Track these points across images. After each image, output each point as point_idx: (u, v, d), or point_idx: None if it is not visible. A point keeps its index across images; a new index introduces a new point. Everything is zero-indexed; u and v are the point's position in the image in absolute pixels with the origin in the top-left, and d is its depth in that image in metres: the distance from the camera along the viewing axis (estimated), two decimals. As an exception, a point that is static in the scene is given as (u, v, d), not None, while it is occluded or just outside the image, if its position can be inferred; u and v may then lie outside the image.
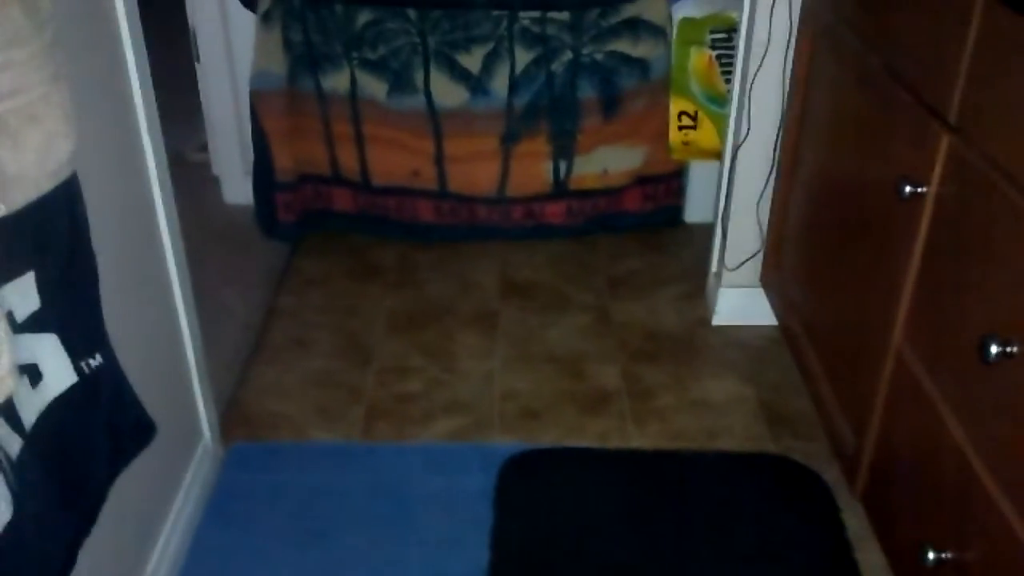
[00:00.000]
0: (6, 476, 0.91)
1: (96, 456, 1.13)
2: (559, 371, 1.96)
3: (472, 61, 2.22)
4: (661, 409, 1.85)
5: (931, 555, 1.12)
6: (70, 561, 1.08)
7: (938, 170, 1.16)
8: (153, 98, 1.37)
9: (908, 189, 1.20)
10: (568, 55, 2.22)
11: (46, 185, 0.96)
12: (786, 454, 1.72)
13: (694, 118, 2.28)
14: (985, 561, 1.04)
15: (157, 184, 1.39)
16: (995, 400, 1.03)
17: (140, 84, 1.32)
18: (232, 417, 1.82)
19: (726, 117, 2.03)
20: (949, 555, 1.11)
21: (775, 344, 2.03)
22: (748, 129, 1.90)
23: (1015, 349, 0.98)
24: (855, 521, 1.56)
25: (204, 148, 2.67)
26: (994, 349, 0.98)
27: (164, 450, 1.43)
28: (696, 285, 2.25)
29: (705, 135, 2.29)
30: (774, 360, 1.99)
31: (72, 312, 1.06)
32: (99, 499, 1.15)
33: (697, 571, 1.47)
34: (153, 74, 1.36)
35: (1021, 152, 0.98)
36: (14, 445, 0.94)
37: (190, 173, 2.66)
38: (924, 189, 1.19)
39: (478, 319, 2.14)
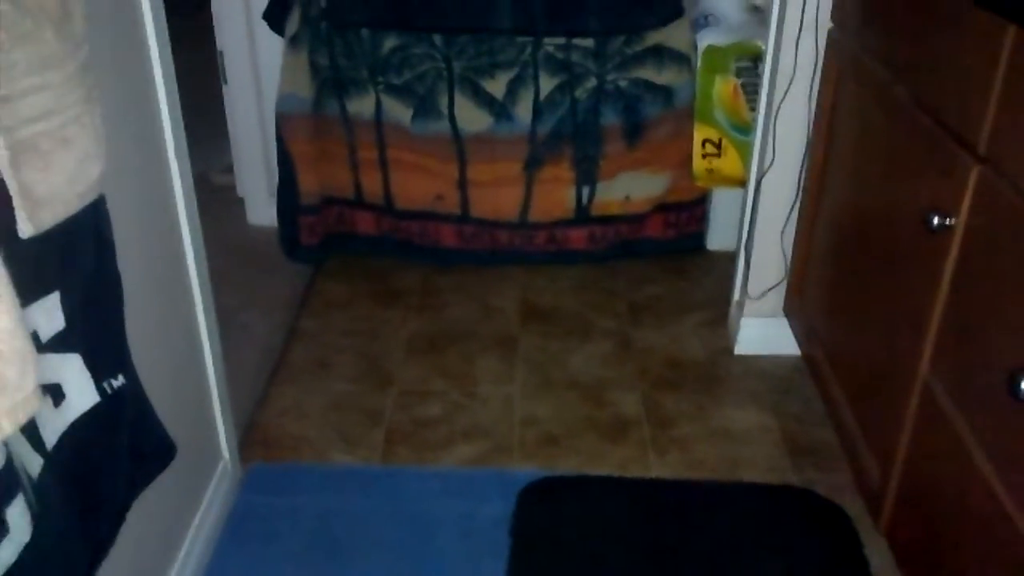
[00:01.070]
0: (27, 496, 0.91)
1: (117, 477, 1.13)
2: (580, 398, 1.95)
3: (496, 87, 2.23)
4: (682, 438, 1.83)
5: (958, 593, 1.10)
6: (88, 582, 1.07)
7: (967, 201, 1.15)
8: (181, 120, 1.38)
9: (937, 220, 1.19)
10: (592, 82, 2.23)
11: (75, 206, 0.97)
12: (809, 486, 1.70)
13: (718, 146, 2.27)
14: (1014, 601, 1.02)
15: (183, 205, 1.40)
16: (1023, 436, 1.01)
17: (168, 106, 1.33)
18: (252, 438, 1.82)
19: (751, 145, 2.03)
20: (977, 594, 1.09)
21: (798, 374, 2.01)
22: (773, 158, 1.90)
23: (1046, 385, 0.96)
24: (878, 557, 1.53)
25: (229, 170, 2.69)
26: (1024, 385, 0.96)
27: (184, 470, 1.43)
28: (718, 313, 2.23)
29: (729, 163, 2.28)
30: (797, 390, 1.97)
31: (96, 333, 1.07)
32: (119, 520, 1.15)
33: (718, 604, 1.45)
34: (181, 96, 1.37)
35: (1052, 185, 0.97)
36: (35, 465, 0.94)
37: (215, 195, 2.68)
38: (953, 220, 1.18)
39: (499, 344, 2.13)
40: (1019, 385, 0.96)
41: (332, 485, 1.70)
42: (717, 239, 2.49)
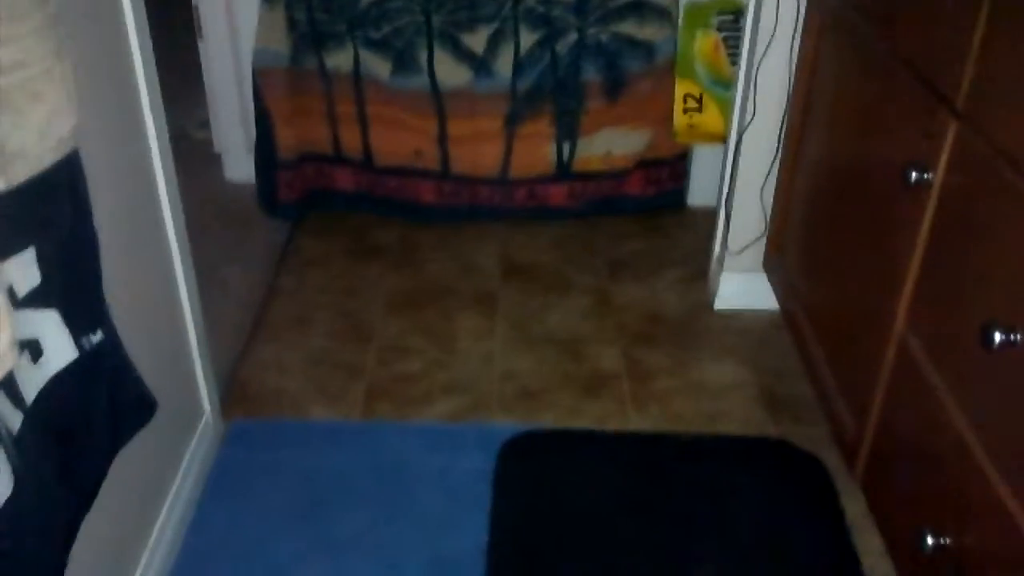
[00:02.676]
0: (7, 451, 0.91)
1: (97, 432, 1.13)
2: (559, 353, 1.96)
3: (476, 41, 2.20)
4: (660, 392, 1.85)
5: (930, 540, 1.12)
6: (71, 535, 1.08)
7: (945, 157, 1.16)
8: (155, 74, 1.36)
9: (914, 175, 1.20)
10: (573, 36, 2.21)
11: (47, 160, 0.96)
12: (786, 438, 1.72)
13: (699, 101, 2.27)
14: (983, 547, 1.05)
15: (159, 160, 1.39)
16: (997, 387, 1.03)
17: (142, 60, 1.31)
18: (233, 394, 1.82)
19: (731, 101, 2.02)
20: (947, 540, 1.11)
21: (776, 329, 2.03)
22: (753, 113, 1.90)
23: (1018, 336, 0.97)
24: (854, 506, 1.56)
25: (206, 125, 2.66)
26: (997, 336, 0.98)
27: (165, 426, 1.44)
28: (698, 269, 2.24)
29: (710, 118, 2.28)
30: (775, 345, 1.99)
31: (73, 288, 1.06)
32: (100, 474, 1.15)
33: (694, 554, 1.47)
34: (155, 50, 1.35)
35: (1028, 139, 0.98)
36: (15, 420, 0.94)
37: (192, 150, 2.65)
38: (930, 175, 1.18)
39: (479, 300, 2.14)
40: (991, 336, 0.98)
41: (313, 440, 1.71)
42: (697, 195, 2.50)
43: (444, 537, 1.51)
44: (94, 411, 1.12)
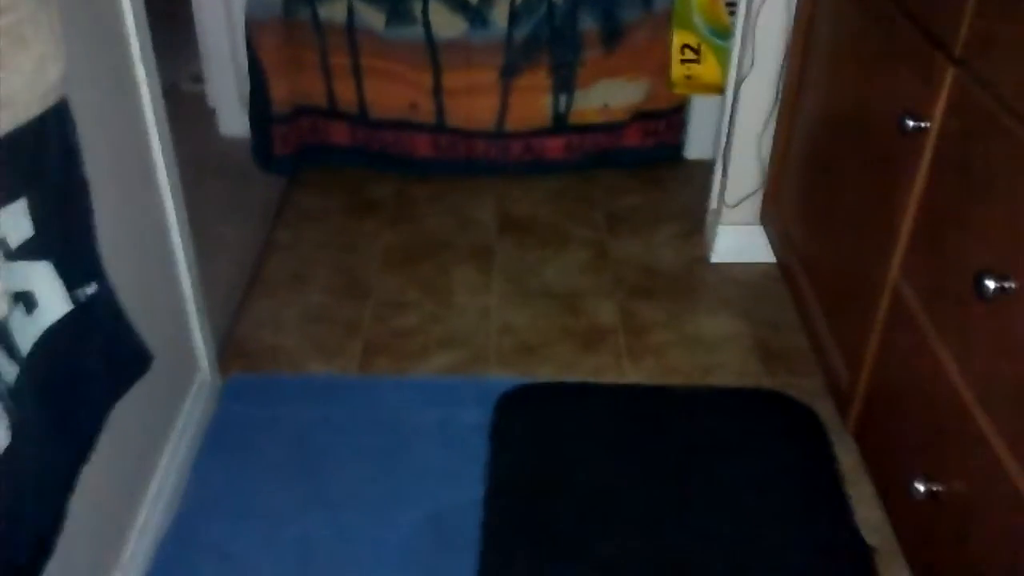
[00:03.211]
0: (3, 402, 0.91)
1: (93, 383, 1.13)
2: (556, 307, 1.96)
3: (471, -9, 2.18)
4: (657, 345, 1.85)
5: (921, 487, 1.13)
6: (68, 487, 1.09)
7: (941, 104, 1.15)
8: (146, 25, 1.34)
9: (911, 124, 1.19)
10: (569, -14, 2.18)
11: (36, 109, 0.95)
12: (780, 390, 1.73)
13: (697, 51, 2.24)
14: (974, 494, 1.06)
15: (152, 113, 1.38)
16: (989, 336, 1.03)
17: (132, 10, 1.29)
18: (230, 350, 1.83)
19: (729, 51, 2.00)
20: (939, 488, 1.12)
21: (773, 282, 2.03)
22: (752, 63, 1.88)
23: (1012, 285, 0.97)
24: (848, 456, 1.57)
25: (199, 79, 2.63)
26: (991, 285, 0.98)
27: (162, 381, 1.44)
28: (695, 222, 2.24)
29: (708, 69, 2.26)
30: (771, 297, 1.99)
31: (66, 240, 1.06)
32: (96, 426, 1.16)
33: (689, 504, 1.49)
34: (146, 1, 1.33)
35: (1026, 85, 0.97)
36: (11, 372, 0.94)
37: (185, 104, 2.63)
38: (927, 124, 1.17)
39: (475, 254, 2.13)
40: (985, 285, 0.98)
41: (311, 395, 1.71)
42: (695, 148, 2.48)
43: (442, 490, 1.52)
44: (90, 363, 1.12)
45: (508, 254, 2.14)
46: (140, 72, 1.33)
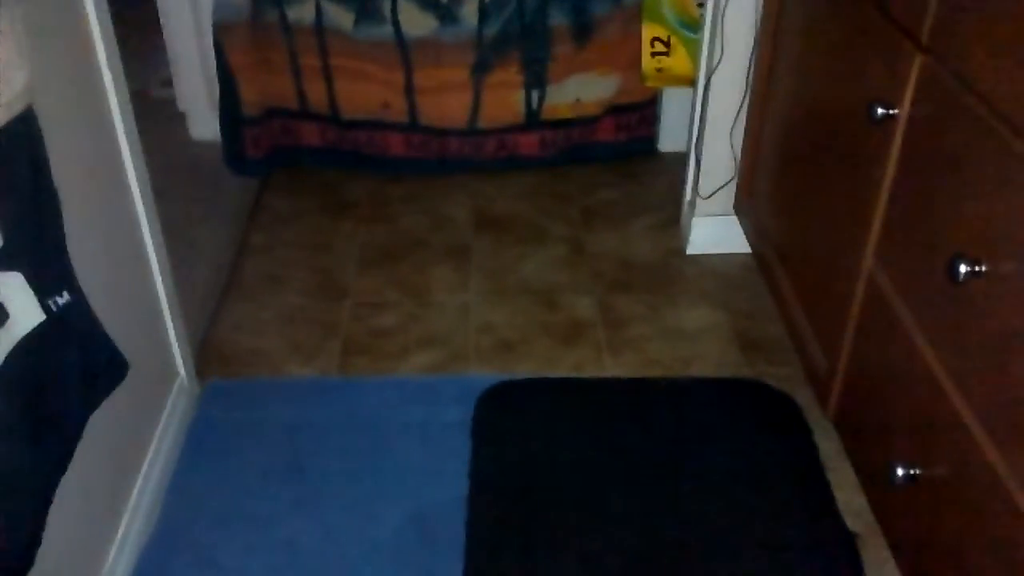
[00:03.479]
0: (-23, 415, 0.90)
1: (68, 393, 1.12)
2: (534, 303, 1.96)
3: (440, -11, 2.17)
4: (635, 338, 1.86)
5: (900, 473, 1.14)
6: (46, 498, 1.08)
7: (910, 91, 1.16)
8: (112, 31, 1.33)
9: (880, 111, 1.20)
10: (538, -19, 2.18)
11: (1, 118, 0.94)
12: (759, 379, 1.74)
13: (667, 44, 2.25)
14: (952, 477, 1.07)
15: (120, 119, 1.36)
16: (963, 319, 1.04)
17: (98, 17, 1.27)
18: (207, 355, 1.81)
19: (699, 43, 2.01)
20: (917, 472, 1.13)
21: (749, 271, 2.04)
22: (721, 54, 1.88)
23: (984, 268, 0.98)
24: (827, 443, 1.59)
25: (169, 83, 2.61)
26: (963, 269, 0.99)
27: (140, 388, 1.43)
28: (670, 214, 2.24)
29: (678, 62, 2.26)
30: (748, 287, 2.00)
31: (37, 250, 1.04)
32: (73, 437, 1.15)
33: (672, 496, 1.49)
34: (111, 6, 1.32)
35: (993, 72, 0.98)
36: (-17, 384, 0.93)
37: (155, 109, 2.60)
38: (896, 111, 1.18)
39: (452, 252, 2.13)
40: (957, 269, 0.99)
41: (291, 398, 1.71)
42: (668, 141, 2.49)
43: (424, 489, 1.52)
44: (65, 373, 1.11)
45: (485, 252, 2.13)
46: (107, 78, 1.32)
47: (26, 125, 1.00)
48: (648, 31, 2.25)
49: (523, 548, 1.41)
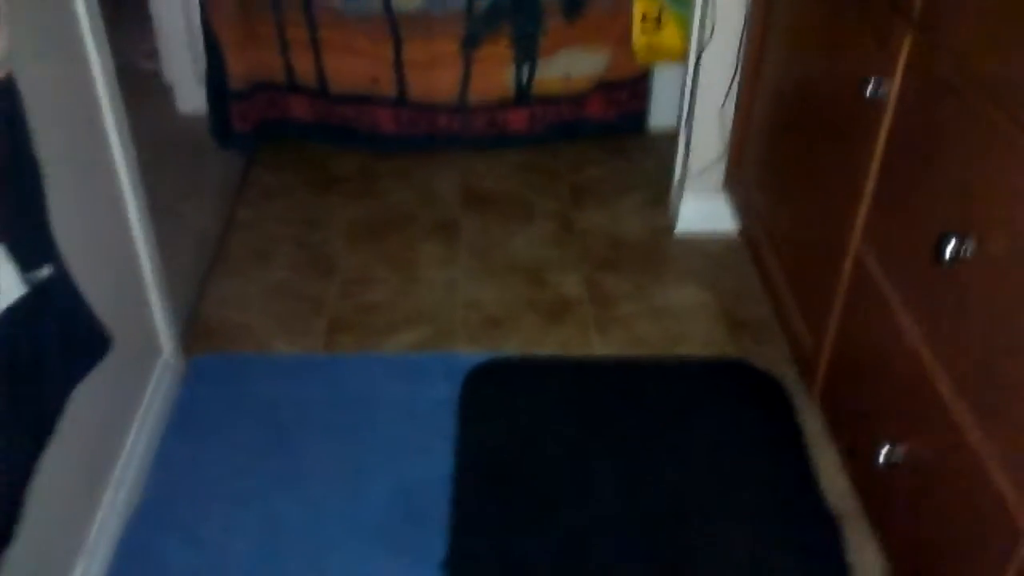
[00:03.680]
0: (-45, 389, 0.89)
1: (50, 368, 1.11)
2: (522, 280, 1.96)
3: (430, -39, 2.15)
4: (623, 317, 1.86)
5: (883, 452, 1.14)
6: (27, 473, 1.07)
7: (901, 68, 1.15)
8: (96, 1, 1.30)
9: (871, 88, 1.19)
10: (529, -45, 2.16)
11: (-21, 88, 0.92)
12: (745, 359, 1.74)
13: (658, 19, 2.23)
14: (936, 458, 1.07)
15: (105, 91, 1.34)
16: (949, 299, 1.04)
17: (79, -16, 1.26)
18: (193, 330, 1.80)
19: (690, 18, 1.99)
20: (902, 452, 1.14)
21: (737, 251, 2.04)
22: (712, 30, 1.87)
23: (970, 248, 0.98)
24: (812, 423, 1.59)
25: (155, 56, 2.58)
26: (950, 247, 0.98)
27: (124, 364, 1.42)
28: (659, 192, 2.24)
29: (669, 37, 2.25)
30: (736, 267, 2.00)
31: (18, 222, 1.03)
32: (55, 411, 1.14)
33: (657, 474, 1.50)
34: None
35: (983, 49, 0.97)
36: (-38, 358, 0.92)
37: (141, 82, 2.57)
38: (886, 88, 1.18)
39: (440, 229, 2.12)
40: (944, 249, 0.98)
41: (277, 374, 1.70)
42: (658, 118, 2.48)
43: (410, 466, 1.51)
44: (46, 347, 1.10)
45: (473, 228, 2.12)
46: (91, 48, 1.30)
47: (6, 93, 0.98)
48: (639, 6, 2.23)
49: (508, 525, 1.41)
